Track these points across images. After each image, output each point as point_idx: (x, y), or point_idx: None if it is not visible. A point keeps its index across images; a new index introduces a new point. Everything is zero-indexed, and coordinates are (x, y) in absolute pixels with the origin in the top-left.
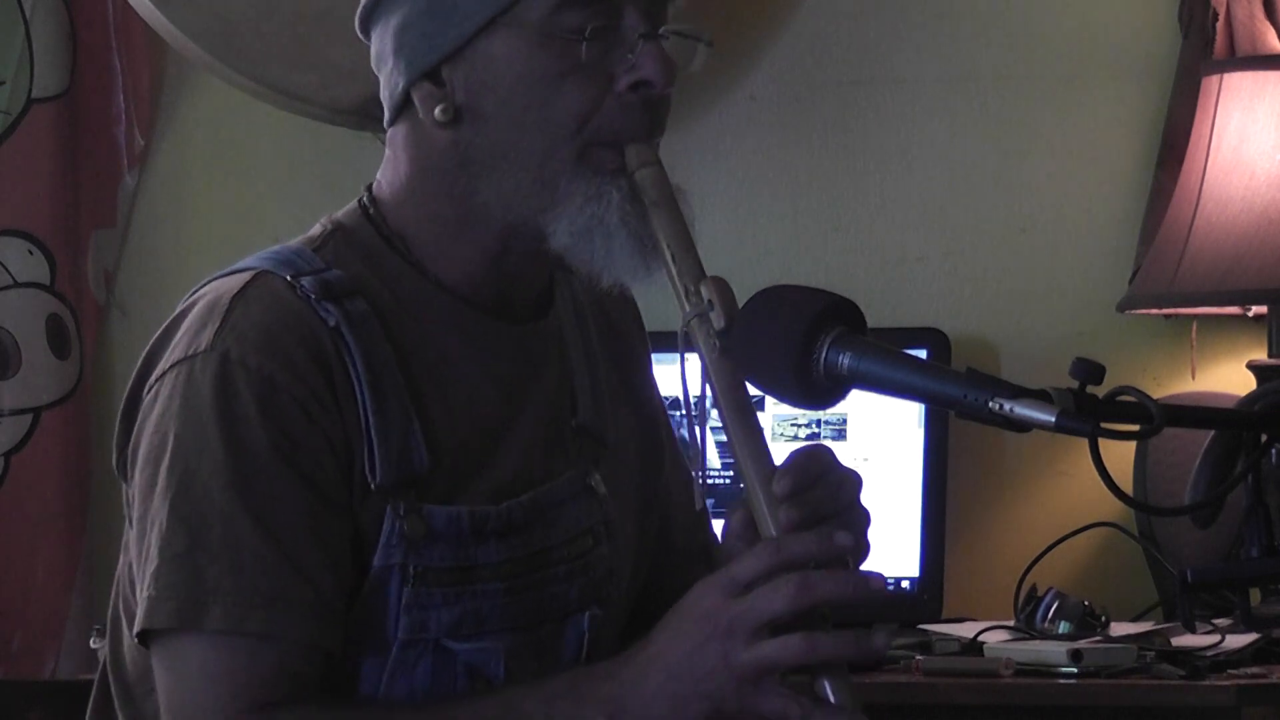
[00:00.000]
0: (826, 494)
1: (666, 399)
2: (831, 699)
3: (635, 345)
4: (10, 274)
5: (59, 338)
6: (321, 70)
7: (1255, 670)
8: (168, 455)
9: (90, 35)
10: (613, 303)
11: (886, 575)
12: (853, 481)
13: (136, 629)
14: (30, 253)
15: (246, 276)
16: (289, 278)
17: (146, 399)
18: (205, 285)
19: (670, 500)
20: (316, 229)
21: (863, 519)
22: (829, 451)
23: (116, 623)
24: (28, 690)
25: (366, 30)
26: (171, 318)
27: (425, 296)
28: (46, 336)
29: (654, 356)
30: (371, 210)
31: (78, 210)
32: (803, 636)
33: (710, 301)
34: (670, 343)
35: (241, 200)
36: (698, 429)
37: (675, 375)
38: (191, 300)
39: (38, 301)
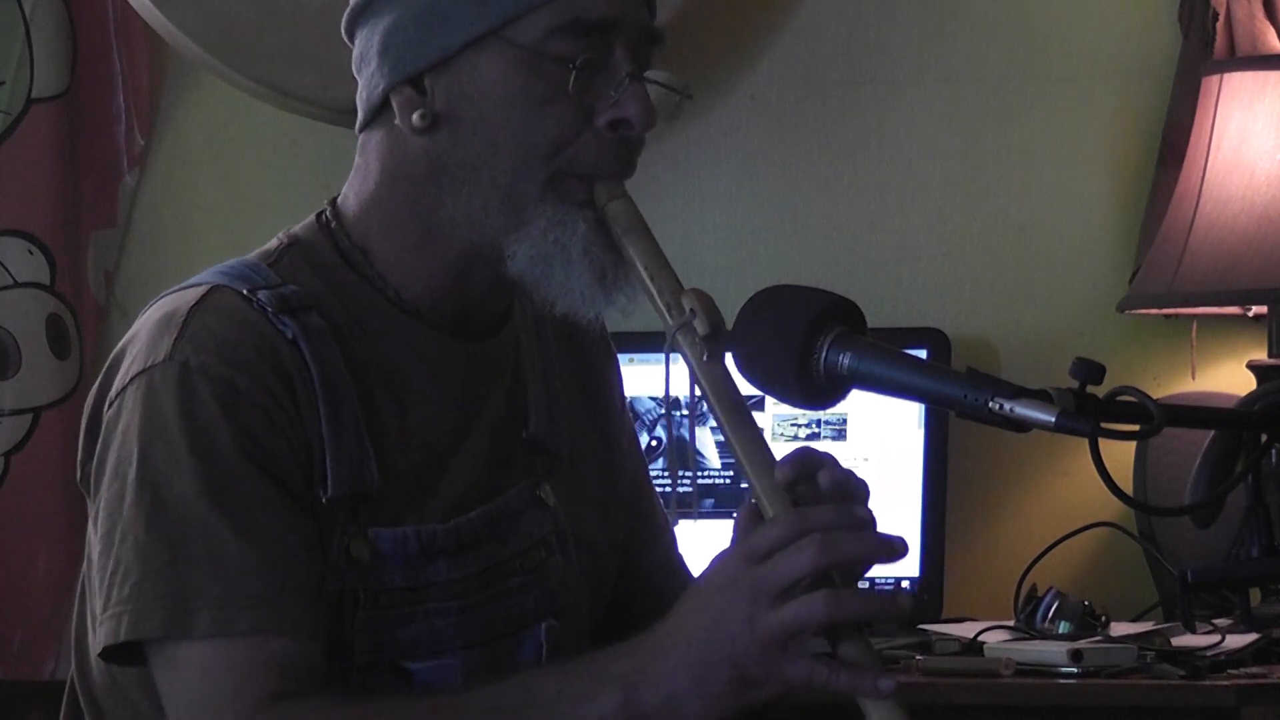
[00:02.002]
0: (833, 481)
1: (658, 402)
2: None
3: (601, 364)
4: (10, 274)
5: (59, 338)
6: (321, 70)
7: (1255, 670)
8: (135, 467)
9: (90, 35)
10: (578, 320)
11: (885, 576)
12: (860, 484)
13: (121, 638)
14: (30, 253)
15: (202, 290)
16: (245, 291)
17: (108, 414)
18: (159, 300)
19: (641, 528)
20: (273, 243)
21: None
22: (830, 456)
23: (82, 636)
24: (28, 690)
25: (352, 31)
26: (128, 335)
27: (381, 314)
28: (46, 336)
29: (639, 356)
30: (333, 224)
31: (78, 210)
32: (827, 593)
33: (692, 310)
34: (650, 344)
35: (241, 200)
36: (691, 430)
37: (656, 376)
38: (146, 315)
39: (38, 301)
